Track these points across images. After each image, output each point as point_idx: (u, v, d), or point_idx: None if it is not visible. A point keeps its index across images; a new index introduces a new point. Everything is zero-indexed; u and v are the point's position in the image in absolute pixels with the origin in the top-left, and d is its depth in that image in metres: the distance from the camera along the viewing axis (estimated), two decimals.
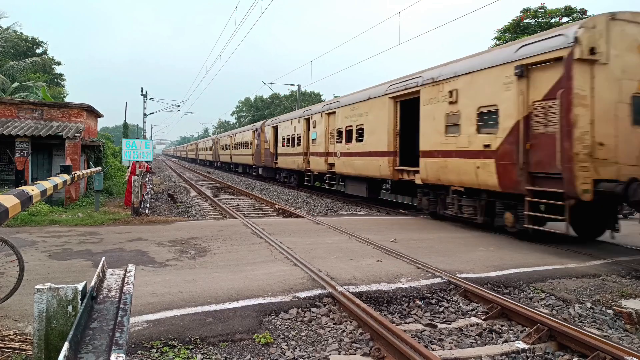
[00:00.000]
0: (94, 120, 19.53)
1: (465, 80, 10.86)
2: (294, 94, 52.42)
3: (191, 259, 7.39)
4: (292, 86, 39.15)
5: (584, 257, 8.26)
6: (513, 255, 8.20)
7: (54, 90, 33.65)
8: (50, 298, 2.19)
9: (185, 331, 4.47)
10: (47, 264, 6.79)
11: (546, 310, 5.71)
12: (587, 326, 5.29)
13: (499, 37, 26.57)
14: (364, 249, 8.45)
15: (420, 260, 7.43)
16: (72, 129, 14.92)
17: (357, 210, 15.88)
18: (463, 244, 9.19)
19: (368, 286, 6.05)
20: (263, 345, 4.38)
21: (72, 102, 16.61)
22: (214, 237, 9.31)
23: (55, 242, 8.42)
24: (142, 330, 4.42)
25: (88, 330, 2.00)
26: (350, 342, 4.58)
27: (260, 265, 7.03)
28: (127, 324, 2.06)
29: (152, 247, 8.15)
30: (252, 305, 5.26)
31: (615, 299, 6.00)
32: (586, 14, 24.31)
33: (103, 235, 9.20)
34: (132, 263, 3.02)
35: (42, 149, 15.09)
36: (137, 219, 11.69)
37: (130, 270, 2.77)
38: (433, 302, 5.88)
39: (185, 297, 5.42)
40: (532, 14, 25.50)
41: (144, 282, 5.87)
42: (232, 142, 42.48)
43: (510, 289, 6.45)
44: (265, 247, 8.46)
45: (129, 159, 16.86)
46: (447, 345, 4.72)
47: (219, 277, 6.29)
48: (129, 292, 2.41)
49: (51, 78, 41.31)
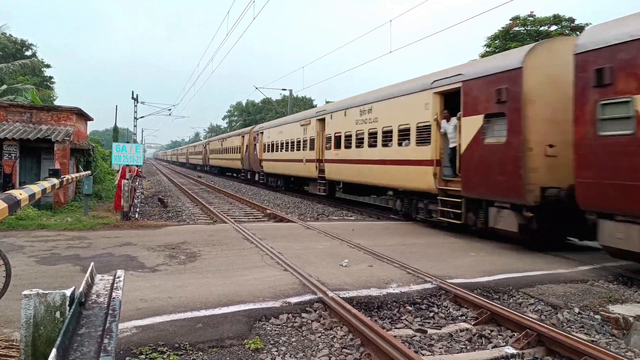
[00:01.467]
0: (84, 123, 19.37)
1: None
2: (285, 98, 52.47)
3: (181, 264, 7.35)
4: (284, 91, 39.19)
5: (572, 262, 8.35)
6: (503, 261, 8.27)
7: (43, 93, 33.29)
8: (38, 304, 2.17)
9: (175, 337, 4.44)
10: (34, 269, 6.70)
11: (535, 315, 5.76)
12: (575, 331, 5.34)
13: (489, 44, 26.87)
14: (355, 254, 8.46)
15: (411, 266, 7.45)
16: (61, 132, 14.78)
17: (348, 215, 15.89)
18: (453, 249, 9.24)
19: (359, 291, 6.05)
20: (253, 351, 4.36)
21: (62, 105, 16.47)
22: (204, 241, 9.27)
23: (43, 246, 8.32)
24: (131, 336, 4.38)
25: (76, 337, 1.98)
26: (340, 348, 4.58)
27: (251, 271, 7.00)
28: (115, 330, 2.04)
29: (142, 252, 8.08)
30: (242, 310, 5.23)
31: (602, 304, 6.06)
32: (574, 22, 24.68)
33: (92, 240, 9.11)
34: (122, 268, 3.01)
35: (31, 153, 14.91)
36: (127, 223, 11.60)
37: (120, 275, 2.75)
38: (423, 308, 5.90)
39: (174, 302, 5.38)
40: (522, 22, 25.83)
41: (133, 288, 5.82)
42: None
43: (499, 294, 6.49)
44: (256, 252, 8.44)
45: (119, 163, 16.73)
46: (437, 350, 4.74)
47: (209, 283, 6.26)
48: (118, 298, 2.39)
49: (40, 81, 40.91)
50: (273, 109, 62.00)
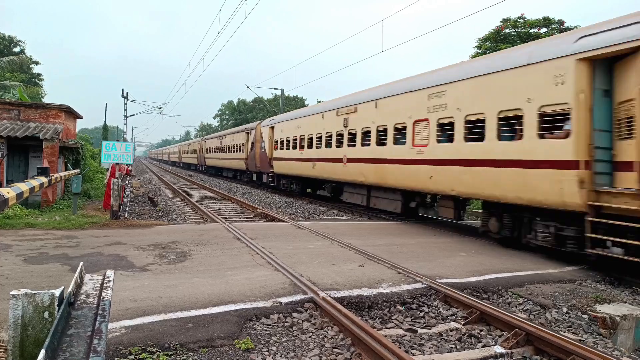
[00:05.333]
0: (73, 121, 19.16)
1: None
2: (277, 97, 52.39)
3: (171, 263, 7.30)
4: (276, 90, 39.11)
5: (560, 263, 8.44)
6: (492, 261, 8.33)
7: (32, 90, 32.89)
8: (26, 304, 2.14)
9: (165, 337, 4.41)
10: (22, 269, 6.62)
11: (524, 315, 5.81)
12: (563, 331, 5.40)
13: (480, 46, 27.04)
14: (346, 254, 8.47)
15: (402, 266, 7.48)
16: (49, 130, 14.61)
17: (340, 215, 15.91)
18: (444, 249, 9.29)
19: (350, 291, 6.06)
20: (244, 351, 4.35)
21: (51, 103, 16.28)
22: (194, 241, 9.22)
23: (31, 245, 8.22)
24: (120, 337, 4.34)
25: (65, 337, 1.96)
26: (331, 348, 4.59)
27: (241, 270, 6.98)
28: (105, 330, 2.03)
29: (132, 252, 8.02)
30: (233, 310, 5.21)
31: (590, 304, 6.14)
32: (563, 24, 24.94)
33: (81, 239, 9.02)
34: (111, 268, 2.98)
35: (19, 150, 14.71)
36: (116, 222, 11.50)
37: (109, 275, 2.73)
38: (414, 307, 5.92)
39: (164, 302, 5.34)
40: (512, 23, 26.02)
41: (123, 287, 5.77)
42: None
43: (489, 294, 6.55)
44: (246, 251, 8.42)
45: (109, 162, 16.58)
46: (427, 350, 4.77)
47: (199, 282, 6.23)
48: (107, 298, 2.38)
49: (29, 78, 40.44)
50: (265, 108, 61.85)
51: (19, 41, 43.68)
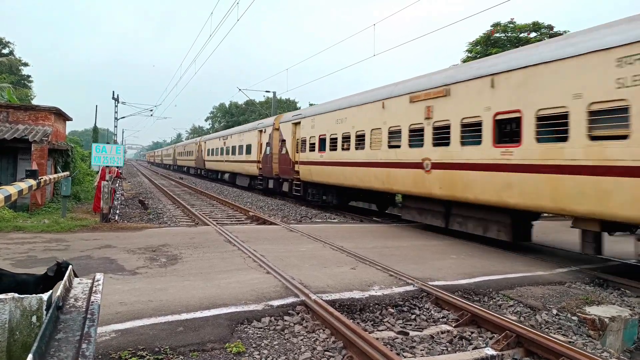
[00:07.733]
0: (63, 123, 18.98)
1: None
2: (269, 100, 52.34)
3: (162, 266, 7.25)
4: (268, 93, 39.07)
5: (550, 265, 8.51)
6: (483, 263, 8.38)
7: (21, 92, 32.59)
8: (14, 308, 2.11)
9: (155, 341, 4.37)
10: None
11: (514, 317, 5.85)
12: (553, 332, 5.44)
13: (470, 50, 27.26)
14: (338, 256, 8.47)
15: (393, 268, 7.50)
16: (39, 132, 14.46)
17: (332, 218, 15.91)
18: (435, 252, 9.33)
19: (341, 294, 6.06)
20: (235, 355, 4.33)
21: (40, 105, 16.12)
22: (185, 244, 9.17)
23: (19, 249, 8.12)
24: (110, 341, 4.30)
25: (53, 342, 1.93)
26: (323, 351, 4.58)
27: (232, 273, 6.95)
28: (94, 334, 2.00)
29: (122, 255, 7.95)
30: (224, 314, 5.19)
31: (579, 306, 6.20)
32: (552, 29, 25.22)
33: (70, 242, 8.92)
34: (101, 271, 2.95)
35: (7, 153, 14.53)
36: (106, 225, 11.40)
37: (99, 279, 2.70)
38: (405, 310, 5.94)
39: (155, 305, 5.30)
40: (502, 28, 26.28)
41: (113, 291, 5.72)
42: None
43: (480, 297, 6.58)
44: (238, 254, 8.38)
45: (99, 164, 16.45)
46: (419, 352, 4.78)
47: (190, 286, 6.19)
48: (96, 302, 2.35)
49: (18, 79, 40.01)
50: (256, 110, 61.76)
51: (8, 42, 43.28)
